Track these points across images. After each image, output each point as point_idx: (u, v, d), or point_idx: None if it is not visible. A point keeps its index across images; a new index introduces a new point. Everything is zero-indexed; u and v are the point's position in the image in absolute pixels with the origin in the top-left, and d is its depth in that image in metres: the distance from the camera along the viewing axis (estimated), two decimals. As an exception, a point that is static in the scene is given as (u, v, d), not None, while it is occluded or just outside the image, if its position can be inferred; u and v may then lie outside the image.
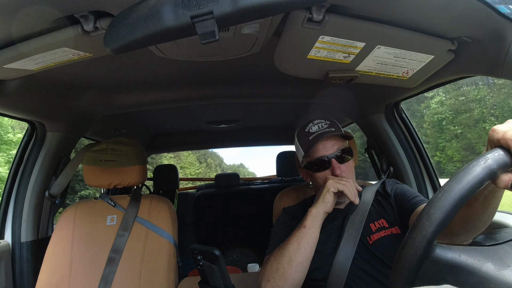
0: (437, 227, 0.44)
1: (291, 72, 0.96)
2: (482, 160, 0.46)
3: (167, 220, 1.29)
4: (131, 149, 1.32)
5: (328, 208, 0.85)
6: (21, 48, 0.72)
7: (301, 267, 0.80)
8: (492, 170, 0.45)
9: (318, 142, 0.93)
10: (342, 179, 0.87)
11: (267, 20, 0.71)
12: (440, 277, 0.44)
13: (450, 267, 0.44)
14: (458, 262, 0.44)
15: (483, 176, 0.45)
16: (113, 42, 0.55)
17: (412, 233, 0.46)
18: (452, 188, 0.45)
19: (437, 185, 1.46)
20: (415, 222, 0.47)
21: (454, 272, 0.44)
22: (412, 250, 0.45)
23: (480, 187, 0.45)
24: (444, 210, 0.44)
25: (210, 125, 2.24)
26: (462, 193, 0.44)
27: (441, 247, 0.46)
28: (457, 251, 0.45)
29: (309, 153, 0.95)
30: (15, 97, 1.06)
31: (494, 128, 0.51)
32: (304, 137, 0.97)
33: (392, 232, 0.90)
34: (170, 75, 1.26)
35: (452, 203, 0.44)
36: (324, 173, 0.93)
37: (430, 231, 0.44)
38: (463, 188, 0.44)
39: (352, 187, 0.85)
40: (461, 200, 0.44)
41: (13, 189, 1.37)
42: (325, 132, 0.93)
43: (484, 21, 0.70)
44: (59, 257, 1.21)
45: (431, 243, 0.44)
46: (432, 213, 0.45)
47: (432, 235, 0.44)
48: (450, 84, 1.15)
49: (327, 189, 0.85)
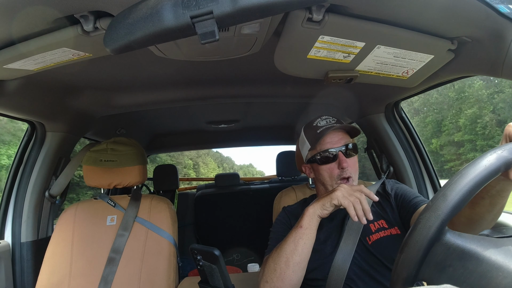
0: (452, 209, 0.44)
1: (291, 72, 0.96)
2: (499, 150, 0.47)
3: (167, 220, 1.29)
4: (131, 149, 1.32)
5: (324, 214, 0.82)
6: (21, 48, 0.72)
7: (298, 267, 0.80)
8: (507, 160, 0.47)
9: (326, 135, 0.94)
10: (354, 193, 0.78)
11: (267, 20, 0.71)
12: (448, 263, 0.44)
13: (459, 253, 0.44)
14: (468, 249, 0.44)
15: (499, 165, 0.46)
16: (113, 42, 0.55)
17: (425, 213, 0.46)
18: (469, 172, 0.46)
19: (437, 185, 1.46)
20: (429, 203, 0.47)
21: (463, 259, 0.44)
22: (424, 230, 0.45)
23: (495, 175, 0.46)
24: (460, 192, 0.44)
25: (210, 125, 2.24)
26: (478, 178, 0.45)
27: (452, 233, 0.46)
28: (468, 238, 0.45)
29: (316, 145, 0.96)
30: (15, 97, 1.06)
31: (511, 124, 0.54)
32: (311, 130, 0.98)
33: (392, 233, 0.90)
34: (170, 75, 1.26)
35: (468, 187, 0.45)
36: (330, 166, 0.94)
37: (444, 212, 0.44)
38: (480, 174, 0.45)
39: (360, 205, 0.76)
40: (477, 185, 0.45)
41: (13, 189, 1.37)
42: (333, 126, 0.94)
43: (484, 21, 0.70)
44: (59, 257, 1.21)
45: (444, 224, 0.45)
46: (448, 194, 0.45)
47: (447, 217, 0.44)
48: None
49: (330, 199, 0.80)
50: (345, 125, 0.95)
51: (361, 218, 0.75)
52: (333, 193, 0.81)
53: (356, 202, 0.76)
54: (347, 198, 0.77)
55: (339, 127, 0.95)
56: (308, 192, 1.28)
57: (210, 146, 3.53)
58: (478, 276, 0.41)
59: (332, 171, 0.94)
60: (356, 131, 0.98)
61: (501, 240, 0.45)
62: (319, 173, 0.97)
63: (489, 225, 0.69)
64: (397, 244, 0.87)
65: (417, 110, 24.07)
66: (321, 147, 0.95)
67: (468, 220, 0.68)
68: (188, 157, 30.01)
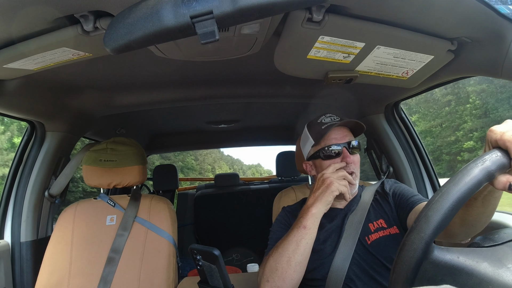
0: (435, 230, 0.44)
1: (290, 72, 0.96)
2: (480, 162, 0.46)
3: (166, 220, 1.29)
4: (131, 149, 1.32)
5: (327, 209, 0.85)
6: (21, 48, 0.72)
7: (299, 267, 0.80)
8: (490, 172, 0.45)
9: (331, 130, 0.94)
10: (339, 175, 0.87)
11: (267, 20, 0.71)
12: (439, 279, 0.44)
13: (449, 269, 0.44)
14: (457, 263, 0.44)
15: (481, 178, 0.45)
16: (113, 42, 0.55)
17: (410, 236, 0.46)
18: (450, 190, 0.45)
19: (436, 185, 1.46)
20: (413, 224, 0.47)
21: (453, 274, 0.44)
22: (410, 252, 0.45)
23: (478, 188, 0.45)
24: (442, 212, 0.44)
25: (210, 125, 2.24)
26: (460, 195, 0.44)
27: (440, 249, 0.46)
28: (456, 252, 0.45)
29: (320, 141, 0.96)
30: (15, 97, 1.06)
31: (492, 129, 0.50)
32: (316, 126, 0.99)
33: (391, 233, 0.90)
34: (170, 75, 1.26)
35: (450, 205, 0.44)
36: (334, 161, 0.94)
37: (428, 233, 0.44)
38: (461, 190, 0.44)
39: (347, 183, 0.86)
40: (459, 202, 0.44)
41: (13, 189, 1.37)
42: (338, 122, 0.95)
43: (484, 21, 0.70)
44: (58, 257, 1.21)
45: (429, 245, 0.44)
46: (430, 215, 0.44)
47: (430, 238, 0.44)
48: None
49: (330, 191, 0.84)
50: (349, 120, 0.96)
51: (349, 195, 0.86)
52: (328, 186, 0.85)
53: (346, 183, 0.86)
54: (341, 184, 0.85)
55: (344, 123, 0.96)
56: (308, 192, 1.28)
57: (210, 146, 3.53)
58: None
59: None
60: (360, 127, 0.99)
61: (491, 249, 0.45)
62: (321, 169, 0.97)
63: (484, 225, 0.69)
64: (396, 244, 0.89)
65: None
66: (325, 143, 0.96)
67: (462, 221, 0.68)
68: (207, 163, 37.34)
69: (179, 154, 26.66)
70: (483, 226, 0.69)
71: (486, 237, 0.49)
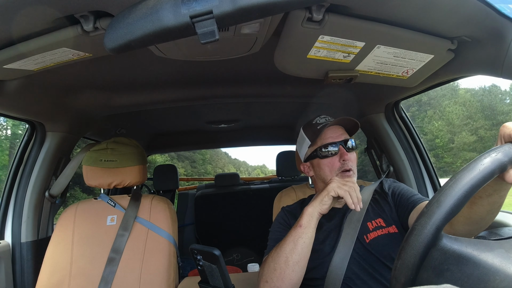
0: (447, 215, 0.44)
1: (291, 72, 0.96)
2: (493, 153, 0.47)
3: (167, 220, 1.29)
4: (131, 149, 1.32)
5: (324, 210, 0.83)
6: (21, 48, 0.72)
7: (298, 266, 0.80)
8: (502, 163, 0.46)
9: (327, 129, 0.96)
10: (347, 183, 0.83)
11: (267, 20, 0.71)
12: (445, 268, 0.44)
13: (456, 258, 0.44)
14: (465, 253, 0.44)
15: (494, 168, 0.46)
16: (113, 42, 0.55)
17: (421, 220, 0.45)
18: (463, 177, 0.45)
19: (437, 185, 1.46)
20: (424, 209, 0.47)
21: (459, 263, 0.44)
22: (420, 237, 0.45)
23: (490, 178, 0.46)
24: (455, 198, 0.44)
25: (210, 125, 2.24)
26: (472, 182, 0.45)
27: (448, 237, 0.46)
28: (464, 242, 0.45)
29: (316, 140, 0.97)
30: (15, 97, 1.06)
31: (505, 125, 0.53)
32: (311, 127, 1.00)
33: (389, 232, 0.90)
34: (170, 75, 1.26)
35: (463, 191, 0.44)
36: (331, 160, 0.95)
37: (439, 218, 0.44)
38: (474, 177, 0.45)
39: (354, 193, 0.80)
40: (472, 189, 0.44)
41: (13, 189, 1.37)
42: (333, 121, 0.97)
43: (484, 21, 0.70)
44: (59, 257, 1.21)
45: (439, 230, 0.44)
46: (442, 200, 0.45)
47: (442, 222, 0.44)
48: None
49: (327, 192, 0.83)
50: (343, 118, 0.97)
51: (356, 206, 0.79)
52: (327, 186, 0.84)
53: (351, 190, 0.80)
54: (342, 188, 0.81)
55: (338, 122, 0.97)
56: (308, 192, 1.28)
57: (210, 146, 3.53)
58: (475, 280, 0.41)
59: (333, 164, 0.95)
60: (354, 125, 1.00)
61: (498, 242, 0.45)
62: (319, 168, 0.98)
63: (488, 223, 0.69)
64: (395, 243, 0.88)
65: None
66: (322, 142, 0.97)
67: (466, 219, 0.68)
68: (218, 167, 40.36)
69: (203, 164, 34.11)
70: (487, 225, 0.69)
71: (492, 232, 0.49)
